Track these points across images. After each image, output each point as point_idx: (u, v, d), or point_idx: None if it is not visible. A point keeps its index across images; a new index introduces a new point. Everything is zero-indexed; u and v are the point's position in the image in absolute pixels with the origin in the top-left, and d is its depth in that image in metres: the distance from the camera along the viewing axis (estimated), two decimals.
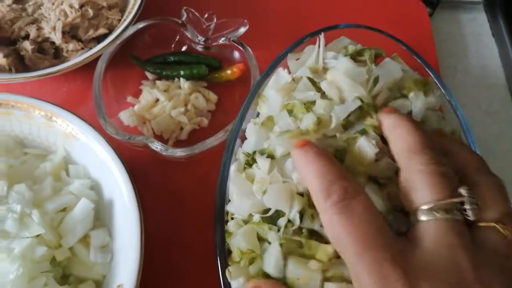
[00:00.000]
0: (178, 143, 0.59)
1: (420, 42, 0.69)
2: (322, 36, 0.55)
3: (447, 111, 0.55)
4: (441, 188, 0.32)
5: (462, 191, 0.32)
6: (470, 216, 0.32)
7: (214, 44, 0.62)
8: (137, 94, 0.61)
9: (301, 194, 0.41)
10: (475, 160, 0.38)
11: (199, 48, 0.63)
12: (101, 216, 0.51)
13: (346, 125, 0.47)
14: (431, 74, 0.55)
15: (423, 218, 0.31)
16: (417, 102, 0.50)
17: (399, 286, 0.28)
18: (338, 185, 0.33)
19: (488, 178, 0.36)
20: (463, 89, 0.70)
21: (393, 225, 0.36)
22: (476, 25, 0.76)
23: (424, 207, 0.32)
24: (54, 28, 0.59)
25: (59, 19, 0.59)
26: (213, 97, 0.61)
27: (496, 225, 0.32)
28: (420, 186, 0.32)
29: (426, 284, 0.28)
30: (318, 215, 0.37)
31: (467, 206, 0.32)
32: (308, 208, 0.40)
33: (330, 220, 0.32)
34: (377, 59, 0.57)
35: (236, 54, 0.62)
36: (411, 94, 0.50)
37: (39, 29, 0.60)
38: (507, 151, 0.66)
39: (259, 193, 0.44)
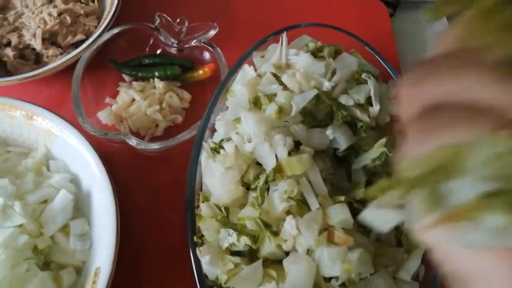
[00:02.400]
0: (154, 139, 0.62)
1: (381, 39, 0.73)
2: (284, 34, 0.60)
3: None
4: None
5: None
6: None
7: (186, 46, 0.66)
8: (114, 95, 0.65)
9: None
10: None
11: (173, 50, 0.67)
12: (81, 207, 0.54)
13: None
14: (386, 66, 0.59)
15: None
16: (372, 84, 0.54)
17: None
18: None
19: None
20: None
21: None
22: (437, 24, 0.81)
23: None
24: (34, 35, 0.63)
25: (39, 27, 0.63)
26: (186, 95, 0.65)
27: None
28: None
29: None
30: None
31: None
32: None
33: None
34: (337, 55, 0.61)
35: (207, 55, 0.66)
36: (370, 80, 0.55)
37: (20, 36, 0.63)
38: None
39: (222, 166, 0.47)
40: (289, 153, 0.48)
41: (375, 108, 0.54)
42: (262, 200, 0.46)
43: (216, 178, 0.49)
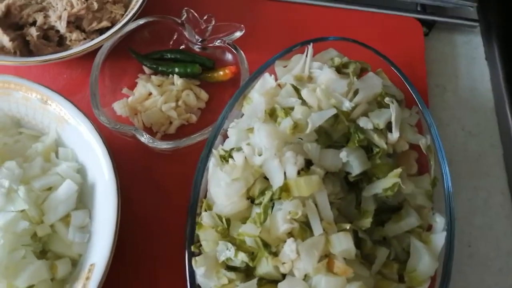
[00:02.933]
0: (166, 137, 0.62)
1: (411, 60, 0.71)
2: (310, 46, 0.58)
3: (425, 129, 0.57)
4: None
5: None
6: None
7: (210, 45, 0.65)
8: (132, 86, 0.64)
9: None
10: None
11: (196, 48, 0.66)
12: (84, 198, 0.54)
13: None
14: (411, 91, 0.57)
15: None
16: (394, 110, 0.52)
17: None
18: None
19: None
20: (450, 109, 0.72)
21: None
22: (471, 48, 0.78)
23: None
24: (60, 17, 0.62)
25: (65, 9, 0.62)
26: (204, 95, 0.64)
27: None
28: None
29: None
30: None
31: None
32: None
33: None
34: (363, 73, 0.59)
35: (230, 57, 0.64)
36: (393, 105, 0.53)
37: (46, 17, 0.63)
38: (485, 173, 0.67)
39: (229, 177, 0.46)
40: (299, 172, 0.46)
41: (394, 135, 0.52)
42: (265, 218, 0.45)
43: (222, 188, 0.48)
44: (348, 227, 0.45)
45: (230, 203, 0.48)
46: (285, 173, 0.46)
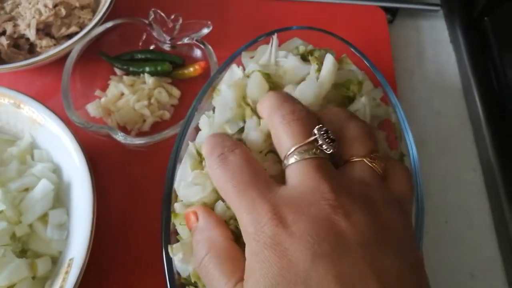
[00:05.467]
0: (141, 134, 0.63)
1: (377, 47, 0.73)
2: (275, 36, 0.60)
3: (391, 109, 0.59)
4: (297, 133, 0.36)
5: (315, 130, 0.36)
6: (327, 149, 0.35)
7: (179, 43, 0.66)
8: (105, 88, 0.65)
9: None
10: (343, 112, 0.42)
11: (165, 47, 0.67)
12: (61, 197, 0.54)
13: None
14: (375, 73, 0.59)
15: (288, 162, 0.36)
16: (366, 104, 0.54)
17: (267, 219, 0.32)
18: (219, 146, 0.38)
19: (356, 123, 0.40)
20: (418, 91, 0.74)
21: None
22: (435, 32, 0.80)
23: (288, 153, 0.36)
24: (29, 25, 0.63)
25: (34, 17, 0.63)
26: (176, 92, 0.65)
27: (364, 159, 0.37)
28: (283, 136, 0.37)
29: (290, 215, 0.32)
30: None
31: (321, 142, 0.35)
32: None
33: (214, 174, 0.38)
34: None
35: (199, 53, 0.66)
36: (363, 99, 0.54)
37: (15, 26, 0.64)
38: (455, 151, 0.69)
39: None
40: None
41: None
42: None
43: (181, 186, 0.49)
44: None
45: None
46: None
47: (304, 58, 0.59)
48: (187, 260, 0.47)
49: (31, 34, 0.63)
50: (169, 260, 0.47)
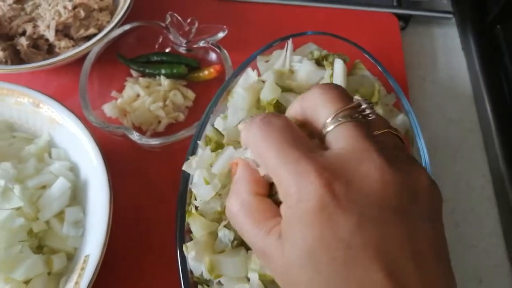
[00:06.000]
0: (155, 135, 0.64)
1: (389, 53, 0.74)
2: (290, 41, 0.61)
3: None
4: (339, 99, 0.34)
5: (358, 97, 0.35)
6: (370, 114, 0.35)
7: (195, 46, 0.67)
8: (121, 89, 0.66)
9: None
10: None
11: (181, 49, 0.68)
12: (77, 195, 0.55)
13: None
14: (388, 79, 0.59)
15: (330, 128, 0.34)
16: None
17: (312, 180, 0.30)
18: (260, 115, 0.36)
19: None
20: (430, 98, 0.74)
21: None
22: (448, 39, 0.81)
23: (329, 119, 0.34)
24: (48, 26, 0.65)
25: (53, 19, 0.65)
26: (190, 94, 0.66)
27: (390, 130, 0.37)
28: (321, 104, 0.35)
29: (337, 177, 0.30)
30: None
31: (364, 105, 0.34)
32: None
33: (254, 135, 0.35)
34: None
35: (214, 56, 0.67)
36: (377, 108, 0.55)
37: (35, 27, 0.65)
38: (467, 156, 0.70)
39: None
40: None
41: None
42: None
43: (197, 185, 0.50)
44: None
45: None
46: None
47: (319, 63, 0.60)
48: (200, 259, 0.48)
49: (50, 35, 0.65)
50: (183, 258, 0.48)
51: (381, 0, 0.80)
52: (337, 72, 0.56)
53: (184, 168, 0.52)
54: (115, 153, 0.62)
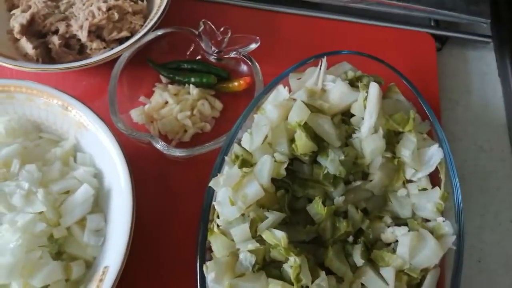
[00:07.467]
0: (181, 144, 0.63)
1: (424, 74, 0.72)
2: (324, 59, 0.59)
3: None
4: None
5: None
6: None
7: (226, 56, 0.66)
8: (149, 95, 0.66)
9: None
10: None
11: (212, 58, 0.67)
12: (100, 202, 0.55)
13: None
14: (423, 105, 0.58)
15: None
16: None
17: None
18: None
19: None
20: (462, 124, 0.72)
21: None
22: (483, 64, 0.78)
23: None
24: (81, 27, 0.64)
25: (87, 19, 0.64)
26: (218, 105, 0.65)
27: None
28: None
29: None
30: None
31: None
32: None
33: None
34: None
35: (245, 68, 0.66)
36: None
37: (68, 26, 0.65)
38: (496, 188, 0.68)
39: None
40: None
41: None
42: None
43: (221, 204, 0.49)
44: None
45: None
46: None
47: (352, 84, 0.59)
48: (219, 281, 0.47)
49: (82, 35, 0.64)
50: (203, 279, 0.48)
51: (419, 20, 0.78)
52: (372, 96, 0.55)
53: (211, 184, 0.51)
54: (139, 159, 0.61)
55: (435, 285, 0.50)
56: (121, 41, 0.66)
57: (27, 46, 0.63)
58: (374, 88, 0.55)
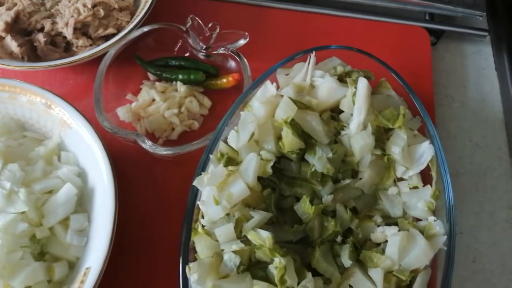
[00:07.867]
0: (168, 143, 0.62)
1: (418, 69, 0.70)
2: (313, 54, 0.58)
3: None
4: None
5: None
6: None
7: (214, 52, 0.65)
8: (136, 92, 0.65)
9: None
10: None
11: (200, 55, 0.66)
12: (84, 202, 0.54)
13: None
14: (414, 100, 0.56)
15: None
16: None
17: None
18: None
19: None
20: (457, 120, 0.71)
21: None
22: (480, 58, 0.77)
23: None
24: (67, 24, 0.63)
25: (72, 16, 0.63)
26: (207, 102, 0.64)
27: None
28: None
29: None
30: None
31: None
32: None
33: None
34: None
35: (233, 64, 0.65)
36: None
37: (53, 23, 0.64)
38: (492, 187, 0.66)
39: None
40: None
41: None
42: None
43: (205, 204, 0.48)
44: None
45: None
46: None
47: (342, 79, 0.57)
48: (202, 283, 0.46)
49: (68, 33, 0.63)
50: (185, 280, 0.46)
51: (412, 13, 0.76)
52: (361, 91, 0.53)
53: (195, 183, 0.50)
54: (124, 158, 0.61)
55: (425, 286, 0.48)
56: (107, 38, 0.65)
57: (12, 44, 0.62)
58: (362, 83, 0.53)
